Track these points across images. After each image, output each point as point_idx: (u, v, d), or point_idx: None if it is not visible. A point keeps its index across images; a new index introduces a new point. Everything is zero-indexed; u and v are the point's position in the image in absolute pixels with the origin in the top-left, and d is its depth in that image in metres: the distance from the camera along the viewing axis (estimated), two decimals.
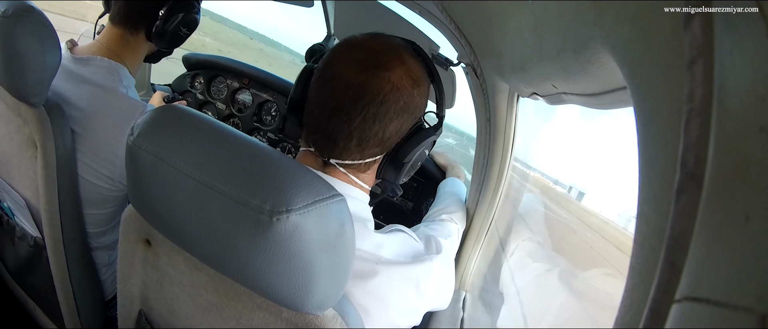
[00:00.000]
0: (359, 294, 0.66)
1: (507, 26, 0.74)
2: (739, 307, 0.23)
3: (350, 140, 0.67)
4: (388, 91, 0.65)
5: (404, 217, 1.68)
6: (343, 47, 0.70)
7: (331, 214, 0.48)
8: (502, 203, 1.19)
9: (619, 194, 0.98)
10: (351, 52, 0.68)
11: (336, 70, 0.67)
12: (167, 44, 1.12)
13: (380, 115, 0.65)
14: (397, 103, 0.66)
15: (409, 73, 0.67)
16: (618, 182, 0.99)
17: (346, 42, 0.71)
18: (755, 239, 0.24)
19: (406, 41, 0.74)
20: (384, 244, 0.70)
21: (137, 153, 0.55)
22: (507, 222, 1.27)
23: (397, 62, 0.66)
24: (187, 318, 0.68)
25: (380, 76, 0.65)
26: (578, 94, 0.62)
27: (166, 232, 0.61)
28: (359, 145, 0.67)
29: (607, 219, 1.08)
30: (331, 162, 0.69)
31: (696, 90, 0.28)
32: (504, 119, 1.08)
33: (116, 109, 0.99)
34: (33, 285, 1.19)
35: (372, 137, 0.67)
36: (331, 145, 0.68)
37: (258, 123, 1.92)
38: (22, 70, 0.83)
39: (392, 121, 0.67)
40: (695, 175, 0.28)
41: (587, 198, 1.19)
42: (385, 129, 0.67)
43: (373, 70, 0.65)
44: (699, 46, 0.29)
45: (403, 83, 0.66)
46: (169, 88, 2.02)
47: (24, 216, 1.03)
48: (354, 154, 0.68)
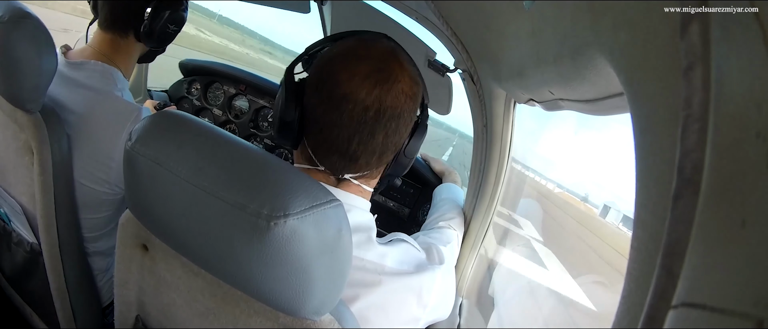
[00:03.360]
0: (361, 303, 0.66)
1: (504, 32, 0.74)
2: (735, 313, 0.23)
3: (372, 156, 0.67)
4: (403, 102, 0.65)
5: (401, 223, 1.68)
6: (343, 60, 0.65)
7: (329, 219, 0.48)
8: (499, 208, 1.19)
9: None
10: (355, 65, 0.64)
11: (345, 89, 0.63)
12: (157, 43, 1.12)
13: (400, 126, 0.66)
14: (411, 110, 0.67)
15: (410, 76, 0.67)
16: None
17: (345, 53, 0.66)
18: (752, 244, 0.24)
19: (386, 37, 0.72)
20: (387, 254, 0.70)
21: (135, 158, 0.55)
22: (503, 228, 1.27)
23: (399, 68, 0.65)
24: (184, 323, 0.68)
25: (394, 89, 0.64)
26: (575, 100, 0.62)
27: (163, 237, 0.61)
28: (379, 157, 0.68)
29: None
30: (346, 177, 0.69)
31: (693, 96, 0.29)
32: (501, 125, 1.08)
33: (111, 111, 0.99)
34: (30, 291, 1.18)
35: (391, 146, 0.68)
36: (352, 164, 0.67)
37: (255, 129, 1.92)
38: (19, 77, 0.83)
39: (408, 126, 0.68)
40: (692, 181, 0.28)
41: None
42: (401, 136, 0.68)
43: (386, 85, 0.63)
44: (696, 52, 0.29)
45: (412, 90, 0.67)
46: (166, 93, 2.02)
47: (20, 222, 1.03)
48: (373, 165, 0.69)
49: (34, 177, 0.93)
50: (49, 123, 0.91)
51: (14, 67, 0.82)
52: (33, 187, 0.94)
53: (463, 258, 1.22)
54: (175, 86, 2.03)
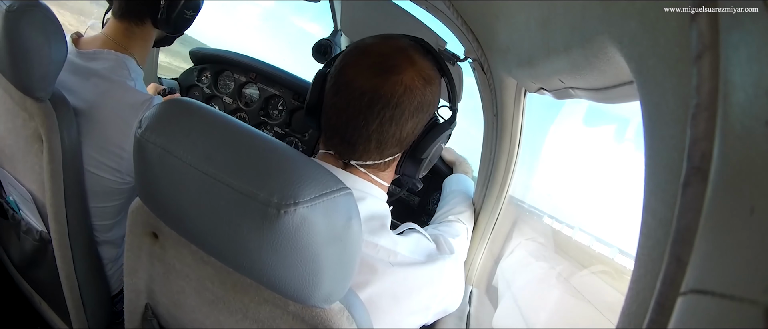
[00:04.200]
0: (372, 290, 0.67)
1: (514, 21, 0.74)
2: (744, 299, 0.24)
3: (369, 143, 0.69)
4: (401, 93, 0.66)
5: (411, 212, 1.68)
6: (353, 53, 0.71)
7: (339, 207, 0.48)
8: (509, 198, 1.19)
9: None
10: (362, 57, 0.70)
11: (348, 76, 0.68)
12: (174, 29, 1.12)
13: (396, 117, 0.67)
14: (412, 103, 0.68)
15: (420, 72, 0.69)
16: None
17: (356, 47, 0.72)
18: (760, 232, 0.24)
19: (414, 40, 0.75)
20: (399, 243, 0.71)
21: (145, 146, 0.55)
22: (513, 217, 1.27)
23: (407, 63, 0.68)
24: (194, 311, 0.68)
25: (392, 79, 0.66)
26: (585, 88, 0.62)
27: (173, 225, 0.62)
28: (378, 147, 0.70)
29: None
30: (351, 163, 0.71)
31: (702, 84, 0.29)
32: (511, 114, 1.08)
33: (123, 102, 1.00)
34: (39, 279, 1.20)
35: (390, 138, 0.69)
36: (351, 149, 0.70)
37: (265, 117, 1.92)
38: (28, 65, 0.84)
39: (408, 121, 0.69)
40: (701, 169, 0.28)
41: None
42: (401, 129, 0.69)
43: (385, 74, 0.67)
44: (705, 41, 0.29)
45: (415, 84, 0.68)
46: (176, 81, 2.02)
47: (30, 210, 1.04)
48: (374, 155, 0.71)
49: (44, 165, 0.94)
50: (59, 111, 0.92)
51: (23, 56, 0.82)
52: (42, 175, 0.95)
53: (473, 247, 1.22)
54: (185, 74, 2.03)
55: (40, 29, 0.82)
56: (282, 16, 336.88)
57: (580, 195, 1.12)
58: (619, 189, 0.90)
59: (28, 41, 0.82)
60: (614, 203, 0.93)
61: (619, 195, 0.89)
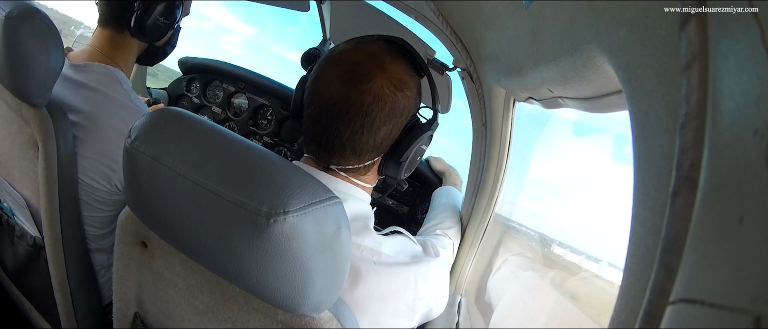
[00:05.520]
0: (357, 291, 0.67)
1: (503, 31, 0.75)
2: (733, 309, 0.23)
3: (344, 150, 0.70)
4: (370, 101, 0.67)
5: (400, 221, 1.68)
6: (326, 62, 0.72)
7: (328, 216, 0.48)
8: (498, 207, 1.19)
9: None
10: (333, 67, 0.70)
11: (321, 87, 0.70)
12: (149, 38, 1.09)
13: (367, 125, 0.68)
14: (382, 110, 0.68)
15: (390, 79, 0.68)
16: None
17: (329, 56, 0.73)
18: (749, 241, 0.24)
19: (389, 41, 0.75)
20: (384, 243, 0.71)
21: (135, 155, 0.55)
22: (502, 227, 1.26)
23: (377, 70, 0.68)
24: (183, 320, 0.68)
25: (361, 88, 0.67)
26: (574, 97, 0.62)
27: (162, 234, 0.61)
28: (354, 153, 0.70)
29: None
30: (331, 167, 0.72)
31: (691, 93, 0.29)
32: (500, 123, 1.08)
33: (121, 117, 0.99)
34: (30, 285, 1.19)
35: (364, 145, 0.69)
36: (328, 155, 0.71)
37: (254, 127, 1.93)
38: (26, 71, 0.84)
39: (381, 128, 0.69)
40: (690, 178, 0.28)
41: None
42: (374, 136, 0.69)
43: (354, 84, 0.67)
44: (694, 50, 0.29)
45: (384, 91, 0.68)
46: (165, 91, 2.03)
47: (24, 215, 1.03)
48: (351, 161, 0.71)
49: (39, 171, 0.93)
50: (55, 118, 0.92)
51: (22, 62, 0.83)
52: (37, 181, 0.95)
53: (461, 256, 1.21)
54: (175, 84, 2.03)
55: (39, 36, 0.83)
56: (263, 44, 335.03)
57: (573, 213, 1.11)
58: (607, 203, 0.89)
59: (27, 47, 0.82)
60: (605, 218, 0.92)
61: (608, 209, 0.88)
